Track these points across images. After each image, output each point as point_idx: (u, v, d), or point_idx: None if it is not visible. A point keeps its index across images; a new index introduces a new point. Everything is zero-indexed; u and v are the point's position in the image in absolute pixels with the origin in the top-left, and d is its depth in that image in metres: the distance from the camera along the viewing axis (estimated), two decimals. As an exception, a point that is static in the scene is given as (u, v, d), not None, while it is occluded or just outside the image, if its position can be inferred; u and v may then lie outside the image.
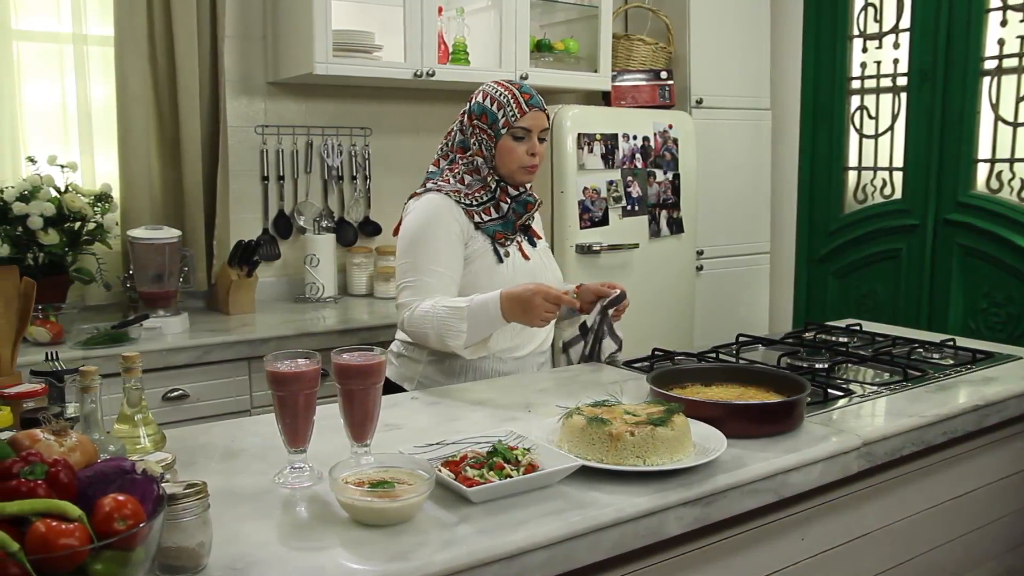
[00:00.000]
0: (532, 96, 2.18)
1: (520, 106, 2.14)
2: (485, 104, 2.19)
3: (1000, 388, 2.01)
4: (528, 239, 2.27)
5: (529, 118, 2.15)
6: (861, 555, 1.81)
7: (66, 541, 0.90)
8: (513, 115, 2.14)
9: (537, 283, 2.00)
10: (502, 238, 2.18)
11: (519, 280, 2.10)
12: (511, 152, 2.16)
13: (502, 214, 2.19)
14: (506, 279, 2.12)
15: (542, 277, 2.20)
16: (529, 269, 2.20)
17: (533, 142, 2.16)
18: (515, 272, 2.17)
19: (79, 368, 1.35)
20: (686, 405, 1.61)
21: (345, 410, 1.47)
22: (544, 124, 2.19)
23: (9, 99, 2.93)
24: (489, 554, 1.18)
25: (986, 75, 3.49)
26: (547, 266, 2.30)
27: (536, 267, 2.23)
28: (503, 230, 2.18)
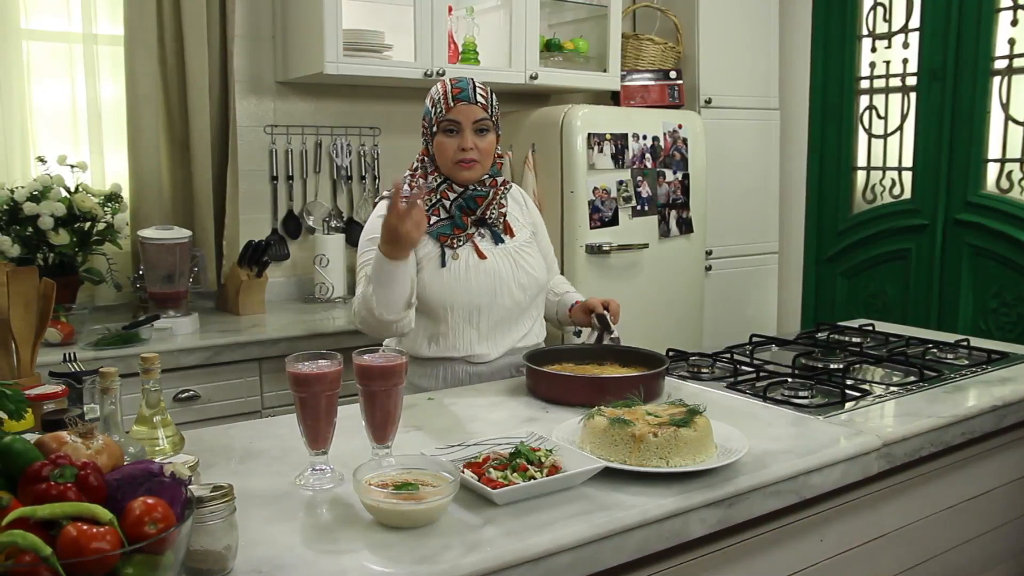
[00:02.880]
0: (462, 90, 2.09)
1: (447, 100, 2.08)
2: (426, 104, 2.17)
3: (1017, 388, 2.01)
4: (493, 235, 2.17)
5: (456, 111, 2.08)
6: (879, 556, 1.80)
7: (98, 545, 0.89)
8: (440, 110, 2.10)
9: (387, 214, 1.83)
10: (447, 240, 2.12)
11: (473, 281, 2.09)
12: (442, 148, 2.11)
13: (448, 214, 2.14)
14: (455, 281, 2.09)
15: (504, 276, 2.13)
16: (485, 268, 2.11)
17: (464, 136, 2.08)
18: (467, 272, 2.10)
19: (99, 369, 1.34)
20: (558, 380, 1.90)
21: (366, 411, 1.46)
22: (476, 115, 2.08)
23: (19, 99, 2.92)
24: (515, 556, 1.18)
25: (996, 75, 3.48)
26: (517, 263, 2.16)
27: (494, 265, 2.12)
28: (448, 231, 2.12)
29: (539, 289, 2.24)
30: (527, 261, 2.19)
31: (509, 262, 2.16)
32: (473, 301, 2.11)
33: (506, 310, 2.15)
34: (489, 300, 2.12)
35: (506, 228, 2.20)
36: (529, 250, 2.22)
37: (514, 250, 2.18)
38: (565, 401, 1.86)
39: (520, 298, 2.17)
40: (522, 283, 2.16)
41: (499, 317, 2.15)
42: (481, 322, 2.13)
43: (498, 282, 2.13)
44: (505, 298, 2.14)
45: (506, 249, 2.17)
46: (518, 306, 2.17)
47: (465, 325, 2.13)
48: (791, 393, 1.94)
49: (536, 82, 3.44)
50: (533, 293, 2.21)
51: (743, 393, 1.97)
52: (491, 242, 2.17)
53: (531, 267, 2.19)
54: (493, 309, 2.13)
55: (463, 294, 2.10)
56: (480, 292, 2.11)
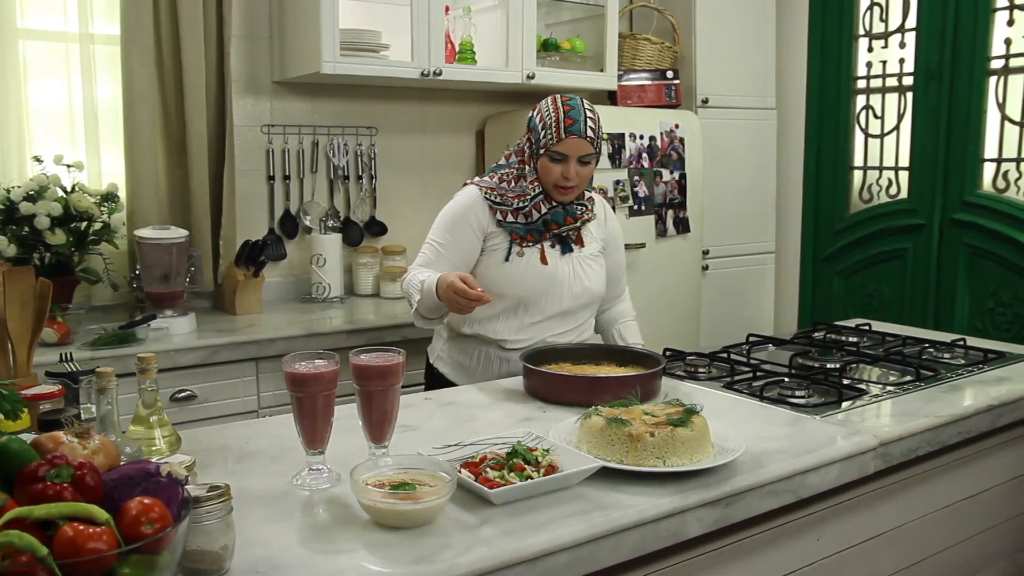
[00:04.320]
0: (575, 122, 2.17)
1: (559, 131, 2.18)
2: (535, 120, 2.25)
3: (1013, 388, 2.01)
4: (564, 246, 2.28)
5: (565, 145, 2.17)
6: (876, 555, 1.81)
7: (94, 545, 0.89)
8: (551, 139, 2.19)
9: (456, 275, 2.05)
10: (518, 239, 2.23)
11: (528, 281, 2.23)
12: (547, 171, 2.21)
13: (530, 220, 2.24)
14: (512, 277, 2.22)
15: (560, 282, 2.25)
16: (543, 273, 2.23)
17: (568, 166, 2.18)
18: (525, 272, 2.23)
19: (95, 369, 1.34)
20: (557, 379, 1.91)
21: (363, 411, 1.46)
22: (584, 150, 2.18)
23: (15, 98, 2.91)
24: (513, 556, 1.18)
25: (993, 74, 3.48)
26: (576, 272, 2.27)
27: (554, 272, 2.24)
28: (523, 232, 2.23)
29: (591, 299, 2.33)
30: (586, 273, 2.30)
31: (569, 270, 2.27)
32: (523, 297, 2.24)
33: (553, 312, 2.27)
34: (539, 300, 2.25)
35: (578, 239, 2.31)
36: (592, 263, 2.32)
37: (578, 260, 2.29)
38: (562, 401, 1.87)
39: (570, 305, 2.28)
40: (575, 292, 2.28)
41: (544, 317, 2.27)
42: (526, 317, 2.26)
43: (552, 286, 2.25)
44: (555, 302, 2.26)
45: (571, 258, 2.28)
46: (565, 312, 2.29)
47: (510, 316, 2.27)
48: (788, 393, 1.94)
49: (533, 82, 3.44)
50: (584, 302, 2.31)
51: (740, 393, 1.98)
52: (558, 250, 2.28)
53: (588, 279, 2.30)
54: (540, 308, 2.26)
55: (517, 289, 2.24)
56: (533, 291, 2.24)
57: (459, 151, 3.77)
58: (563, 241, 2.28)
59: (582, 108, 2.21)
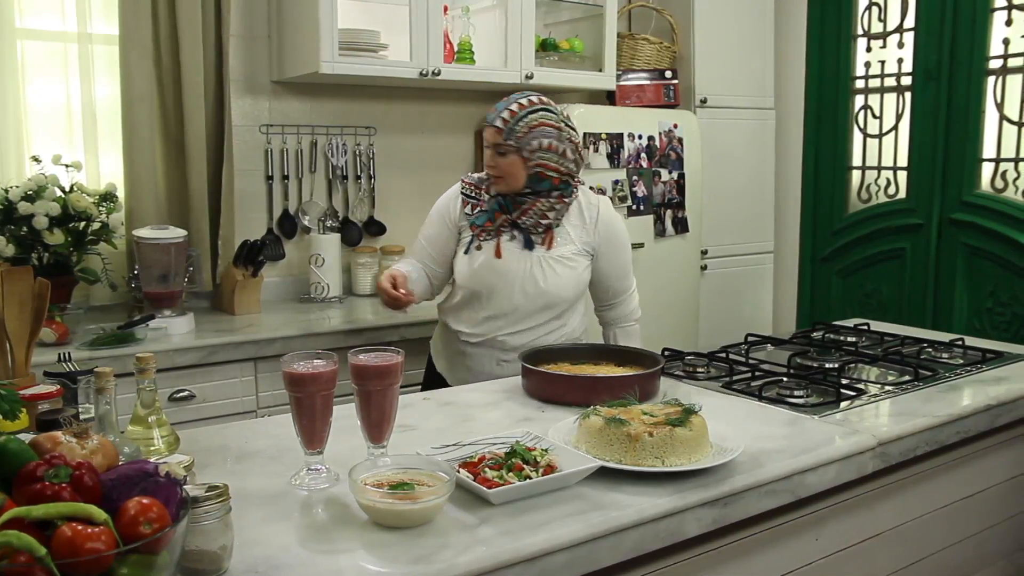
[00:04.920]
0: (495, 111, 2.26)
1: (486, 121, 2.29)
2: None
3: (1011, 388, 2.02)
4: (525, 240, 2.27)
5: (485, 133, 2.28)
6: (874, 555, 1.81)
7: (92, 545, 0.89)
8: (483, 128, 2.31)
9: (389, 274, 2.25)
10: (478, 231, 2.29)
11: (481, 274, 2.27)
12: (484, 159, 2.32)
13: (487, 208, 2.31)
14: (468, 269, 2.29)
15: (512, 279, 2.25)
16: (495, 267, 2.26)
17: (487, 155, 2.27)
18: (478, 266, 2.27)
19: (94, 369, 1.34)
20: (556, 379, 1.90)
21: (362, 411, 1.46)
22: (494, 139, 2.24)
23: (13, 98, 2.91)
24: (512, 556, 1.18)
25: (991, 74, 3.49)
26: (532, 272, 2.24)
27: (507, 268, 2.25)
28: (481, 223, 2.29)
29: (550, 302, 2.28)
30: (545, 274, 2.26)
31: (525, 268, 2.26)
32: (475, 290, 2.29)
33: (503, 309, 2.28)
34: (490, 294, 2.28)
35: (547, 238, 2.27)
36: (558, 265, 2.27)
37: (540, 259, 2.26)
38: (561, 401, 1.86)
39: (522, 303, 2.27)
40: (528, 291, 2.25)
41: (495, 312, 2.29)
42: (480, 311, 2.30)
43: (504, 282, 2.25)
44: (504, 298, 2.27)
45: (531, 255, 2.26)
46: (518, 310, 2.28)
47: (467, 308, 2.34)
48: (786, 392, 1.94)
49: (532, 82, 3.44)
50: (540, 304, 2.28)
51: (739, 393, 1.98)
52: (520, 245, 2.27)
53: (546, 280, 2.26)
54: (491, 303, 2.29)
55: (470, 282, 2.29)
56: (483, 285, 2.28)
57: (458, 151, 3.76)
58: (526, 238, 2.27)
59: (509, 101, 2.26)
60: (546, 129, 2.23)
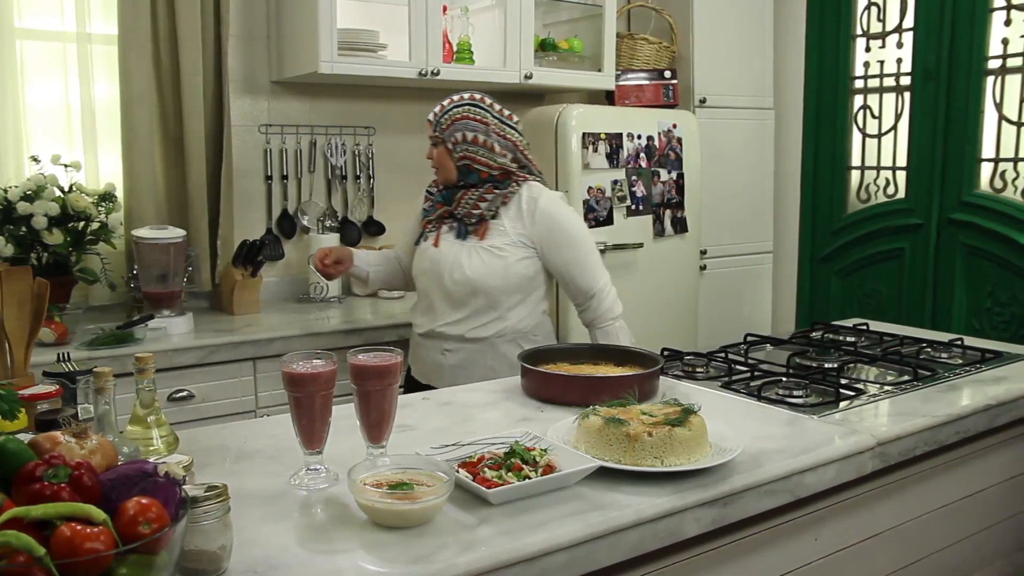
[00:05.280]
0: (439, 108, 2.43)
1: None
2: None
3: (1010, 387, 2.01)
4: (460, 231, 2.38)
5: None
6: (873, 555, 1.81)
7: (92, 545, 0.89)
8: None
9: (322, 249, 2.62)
10: (425, 223, 2.48)
11: (422, 264, 2.46)
12: None
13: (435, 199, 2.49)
14: (417, 257, 2.50)
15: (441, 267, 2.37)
16: (432, 256, 2.41)
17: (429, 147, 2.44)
18: (422, 256, 2.47)
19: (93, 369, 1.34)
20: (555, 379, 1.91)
21: (361, 411, 1.46)
22: (429, 131, 2.42)
23: (12, 98, 2.91)
24: (511, 556, 1.18)
25: (990, 74, 3.49)
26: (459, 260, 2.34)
27: (440, 256, 2.38)
28: (427, 216, 2.48)
29: (473, 289, 2.34)
30: (471, 262, 2.34)
31: (454, 256, 2.36)
32: (420, 279, 2.48)
33: (437, 296, 2.41)
34: (426, 283, 2.44)
35: (480, 229, 2.35)
36: (485, 254, 2.34)
37: (469, 248, 2.36)
38: (560, 401, 1.86)
39: (451, 290, 2.37)
40: (455, 278, 2.35)
41: (431, 301, 2.44)
42: (424, 300, 2.48)
43: (437, 270, 2.39)
44: (436, 286, 2.41)
45: (463, 245, 2.37)
46: (448, 297, 2.38)
47: (418, 300, 2.52)
48: (786, 392, 1.94)
49: (531, 82, 3.44)
50: (467, 290, 2.35)
51: (738, 392, 1.98)
52: (455, 235, 2.40)
53: (470, 268, 2.33)
54: (428, 291, 2.44)
55: (416, 271, 2.50)
56: (421, 273, 2.46)
57: (457, 151, 3.76)
58: (462, 228, 2.39)
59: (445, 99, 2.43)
60: (469, 123, 2.34)
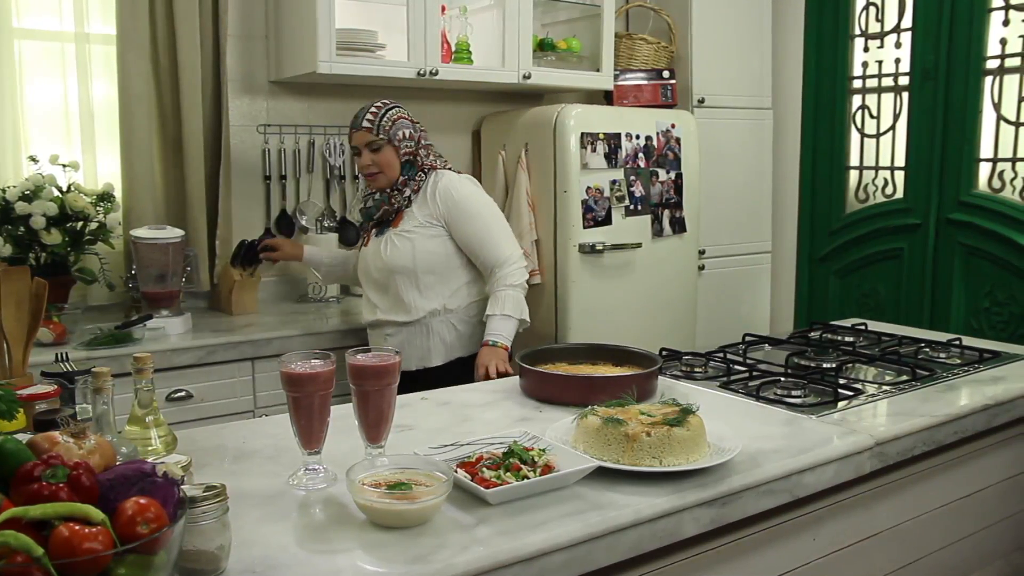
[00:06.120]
0: (355, 118, 2.61)
1: (350, 131, 2.63)
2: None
3: (1008, 387, 2.02)
4: (379, 230, 2.66)
5: (353, 139, 2.61)
6: (871, 554, 1.81)
7: (90, 545, 0.89)
8: (348, 138, 2.66)
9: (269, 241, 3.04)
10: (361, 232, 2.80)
11: (359, 266, 2.75)
12: (357, 166, 2.71)
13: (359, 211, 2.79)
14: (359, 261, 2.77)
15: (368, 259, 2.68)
16: (363, 254, 2.73)
17: (363, 156, 2.59)
18: (360, 260, 2.75)
19: (91, 369, 1.34)
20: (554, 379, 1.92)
21: (360, 411, 1.46)
22: (366, 138, 2.57)
23: (11, 98, 2.91)
24: (509, 556, 1.18)
25: (988, 75, 3.49)
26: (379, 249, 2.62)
27: (367, 252, 2.70)
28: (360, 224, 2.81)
29: (392, 270, 2.61)
30: (387, 248, 2.61)
31: (375, 248, 2.65)
32: (360, 279, 2.76)
33: (368, 285, 2.71)
34: (363, 279, 2.73)
35: (395, 220, 2.64)
36: (398, 239, 2.60)
37: (387, 238, 2.63)
38: (558, 401, 1.87)
39: (376, 277, 2.66)
40: (377, 266, 2.64)
41: (368, 293, 2.71)
42: (365, 294, 2.74)
43: (365, 264, 2.70)
44: (367, 279, 2.70)
45: (382, 238, 2.65)
46: (376, 283, 2.67)
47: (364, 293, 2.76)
48: (784, 392, 1.94)
49: (529, 82, 3.44)
50: (387, 273, 2.62)
51: (736, 392, 1.98)
52: (377, 232, 2.68)
53: (387, 253, 2.61)
54: (366, 286, 2.72)
55: (358, 272, 2.78)
56: (361, 273, 2.74)
57: (455, 151, 3.76)
58: (380, 225, 2.66)
59: (368, 107, 2.59)
60: (404, 121, 2.62)
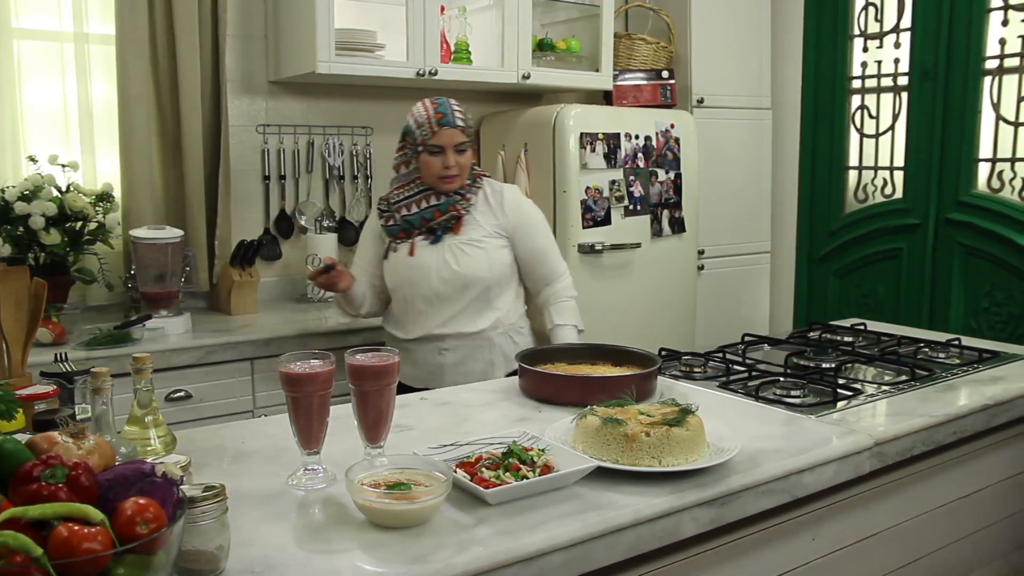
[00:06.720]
0: (444, 115, 2.39)
1: (431, 126, 2.39)
2: (410, 123, 2.46)
3: (1008, 387, 2.02)
4: (435, 238, 2.44)
5: (440, 136, 2.39)
6: (870, 554, 1.81)
7: (89, 545, 0.89)
8: (426, 134, 2.40)
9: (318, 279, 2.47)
10: (391, 238, 2.49)
11: (399, 272, 2.47)
12: (428, 165, 2.42)
13: (397, 221, 2.48)
14: (389, 272, 2.50)
15: (426, 269, 2.42)
16: (410, 264, 2.45)
17: (447, 156, 2.39)
18: (397, 265, 2.48)
19: (90, 369, 1.33)
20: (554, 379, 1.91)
21: (359, 411, 1.46)
22: (457, 139, 2.40)
23: (10, 98, 2.91)
24: (508, 556, 1.18)
25: (987, 75, 3.49)
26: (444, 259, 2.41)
27: (420, 262, 2.43)
28: (395, 232, 2.48)
29: (466, 282, 2.42)
30: (456, 257, 2.42)
31: (437, 257, 2.43)
32: (396, 288, 2.50)
33: (426, 299, 2.44)
34: (410, 289, 2.45)
35: (456, 227, 2.45)
36: (468, 248, 2.43)
37: (450, 246, 2.43)
38: (558, 401, 1.87)
39: (441, 289, 2.42)
40: (444, 277, 2.41)
41: (421, 306, 2.45)
42: (409, 309, 2.48)
43: (420, 275, 2.43)
44: (426, 287, 2.43)
45: (441, 246, 2.44)
46: (439, 296, 2.43)
47: (398, 310, 2.53)
48: (783, 392, 1.94)
49: (528, 82, 3.44)
50: (458, 285, 2.42)
51: (735, 392, 1.98)
52: (428, 241, 2.45)
53: (458, 263, 2.41)
54: (414, 297, 2.45)
55: (393, 282, 2.50)
56: (403, 282, 2.47)
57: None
58: (434, 233, 2.45)
59: (449, 103, 2.43)
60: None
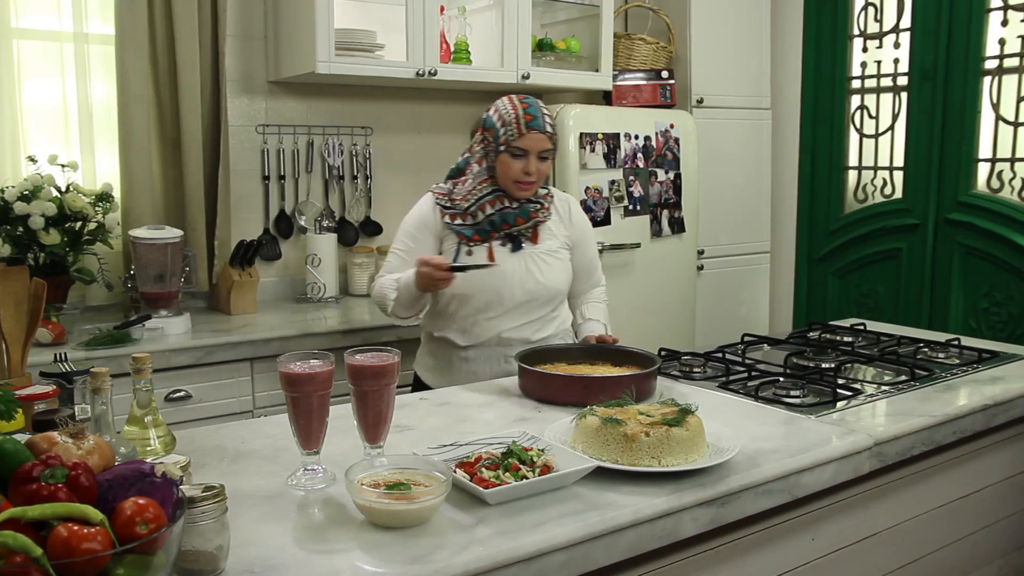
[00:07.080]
0: (534, 118, 2.25)
1: (520, 127, 2.24)
2: (492, 118, 2.30)
3: (1007, 387, 2.02)
4: (515, 244, 2.31)
5: (527, 140, 2.23)
6: (870, 554, 1.81)
7: (88, 545, 0.89)
8: (512, 134, 2.24)
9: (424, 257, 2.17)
10: (465, 240, 2.30)
11: (476, 279, 2.25)
12: (507, 167, 2.26)
13: (477, 220, 2.30)
14: (461, 277, 2.22)
15: (509, 279, 2.26)
16: (491, 269, 2.27)
17: (529, 161, 2.24)
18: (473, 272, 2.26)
19: (90, 370, 1.33)
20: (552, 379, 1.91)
21: (358, 411, 1.46)
22: (544, 145, 2.25)
23: (9, 98, 2.91)
24: (508, 556, 1.18)
25: (987, 75, 3.49)
26: (528, 268, 2.29)
27: (503, 269, 2.27)
28: (469, 233, 2.29)
29: (549, 294, 2.33)
30: (540, 268, 2.31)
31: (520, 266, 2.29)
32: (473, 294, 2.27)
33: (506, 308, 2.29)
34: (489, 297, 2.27)
35: (533, 236, 2.33)
36: (549, 258, 2.33)
37: (531, 256, 2.31)
38: (557, 401, 1.87)
39: (523, 300, 2.29)
40: (528, 288, 2.29)
41: (496, 313, 2.29)
42: (479, 315, 2.29)
43: (502, 283, 2.27)
44: (507, 298, 2.28)
45: (523, 254, 2.31)
46: (520, 307, 2.30)
47: (464, 315, 2.31)
48: (783, 392, 1.94)
49: (528, 82, 3.44)
50: (542, 297, 2.31)
51: (735, 392, 1.98)
52: (509, 248, 2.30)
53: (542, 274, 2.31)
54: (491, 305, 2.28)
55: (466, 288, 2.25)
56: (481, 288, 2.26)
57: (454, 151, 3.71)
58: (514, 239, 2.31)
59: (539, 105, 2.29)
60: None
